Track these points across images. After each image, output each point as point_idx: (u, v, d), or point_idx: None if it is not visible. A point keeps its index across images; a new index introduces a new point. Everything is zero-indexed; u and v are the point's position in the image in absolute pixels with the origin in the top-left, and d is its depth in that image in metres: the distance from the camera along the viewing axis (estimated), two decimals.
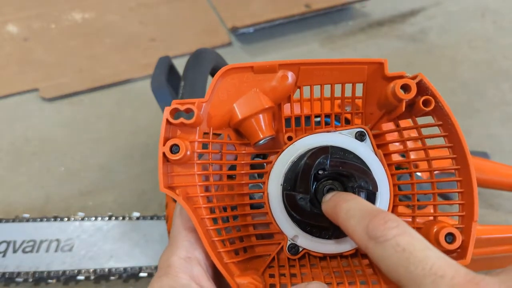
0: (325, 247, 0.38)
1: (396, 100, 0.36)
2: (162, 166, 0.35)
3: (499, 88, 0.92)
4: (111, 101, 0.89)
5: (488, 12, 1.09)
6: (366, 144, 0.39)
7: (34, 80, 0.92)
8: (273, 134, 0.40)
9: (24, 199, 0.75)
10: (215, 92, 0.39)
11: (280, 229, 0.38)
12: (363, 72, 0.39)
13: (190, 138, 0.37)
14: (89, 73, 0.93)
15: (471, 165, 0.35)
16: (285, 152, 0.39)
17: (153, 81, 0.68)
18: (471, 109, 0.88)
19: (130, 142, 0.80)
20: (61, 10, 1.04)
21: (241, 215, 0.40)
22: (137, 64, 0.95)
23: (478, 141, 0.83)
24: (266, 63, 0.38)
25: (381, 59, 0.38)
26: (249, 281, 0.35)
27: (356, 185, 0.36)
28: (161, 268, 0.35)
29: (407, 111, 0.37)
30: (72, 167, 0.79)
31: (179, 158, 0.35)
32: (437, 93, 0.35)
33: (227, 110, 0.39)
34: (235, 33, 1.06)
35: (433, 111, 0.36)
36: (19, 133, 0.84)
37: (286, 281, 0.37)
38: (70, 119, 0.86)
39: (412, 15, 1.12)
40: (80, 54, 0.96)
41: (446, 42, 1.02)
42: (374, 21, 1.11)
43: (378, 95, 0.38)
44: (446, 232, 0.33)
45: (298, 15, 1.05)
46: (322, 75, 0.39)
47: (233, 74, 0.39)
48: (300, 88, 0.40)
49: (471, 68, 0.95)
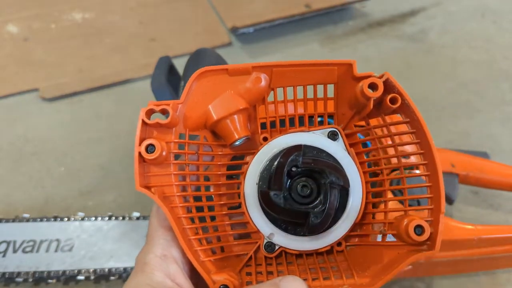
0: (301, 244, 0.39)
1: (365, 99, 0.37)
2: (138, 166, 0.37)
3: (499, 88, 0.92)
4: (111, 101, 0.89)
5: (488, 12, 1.09)
6: (338, 143, 0.40)
7: (34, 80, 0.92)
8: (249, 135, 0.40)
9: (24, 199, 0.75)
10: (190, 94, 0.39)
11: (256, 228, 0.39)
12: (334, 73, 0.40)
13: (166, 139, 0.38)
14: (89, 73, 0.93)
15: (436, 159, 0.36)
16: (260, 152, 0.40)
17: (153, 81, 0.68)
18: (471, 109, 0.87)
19: (130, 142, 0.80)
20: (61, 10, 1.04)
21: (219, 215, 0.41)
22: (137, 64, 0.95)
23: (478, 141, 0.83)
24: (240, 65, 0.39)
25: (350, 60, 0.39)
26: (225, 278, 0.35)
27: (328, 181, 0.37)
28: (137, 266, 0.35)
29: (376, 110, 0.38)
30: (72, 167, 0.79)
31: (155, 158, 0.36)
32: (403, 91, 0.37)
33: (202, 112, 0.40)
34: (235, 33, 1.06)
35: (400, 109, 0.37)
36: (19, 133, 0.84)
37: (262, 278, 0.37)
38: (70, 119, 0.86)
39: (412, 15, 1.12)
40: (80, 54, 0.96)
41: (446, 42, 1.02)
42: (374, 21, 1.11)
43: (348, 95, 0.40)
44: (415, 224, 0.34)
45: (298, 15, 1.05)
46: (295, 76, 0.40)
47: (209, 77, 0.40)
48: (274, 90, 0.41)
49: (471, 68, 0.95)
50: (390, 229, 0.38)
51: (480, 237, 0.58)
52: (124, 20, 1.00)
